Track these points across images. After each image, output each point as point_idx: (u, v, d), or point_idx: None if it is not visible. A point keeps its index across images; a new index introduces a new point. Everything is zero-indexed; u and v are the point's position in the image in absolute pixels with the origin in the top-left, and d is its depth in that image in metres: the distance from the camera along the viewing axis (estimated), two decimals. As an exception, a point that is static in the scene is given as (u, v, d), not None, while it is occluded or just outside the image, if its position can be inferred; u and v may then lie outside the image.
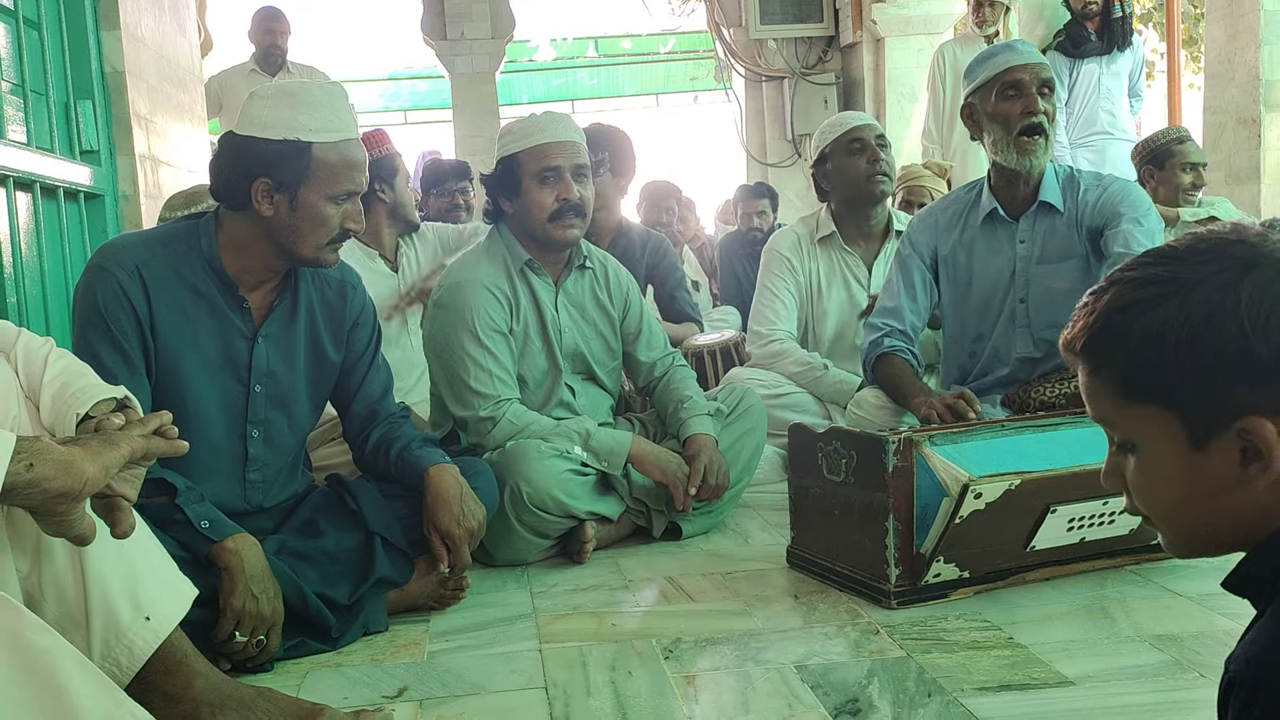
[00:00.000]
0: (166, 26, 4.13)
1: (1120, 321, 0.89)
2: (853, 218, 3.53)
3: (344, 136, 2.02)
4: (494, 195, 2.71)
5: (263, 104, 2.00)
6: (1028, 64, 2.73)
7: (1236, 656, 0.84)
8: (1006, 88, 2.73)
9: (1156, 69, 9.52)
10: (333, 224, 2.03)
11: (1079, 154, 5.51)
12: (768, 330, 3.53)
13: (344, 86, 2.17)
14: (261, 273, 2.09)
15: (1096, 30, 5.67)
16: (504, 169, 2.65)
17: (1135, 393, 0.89)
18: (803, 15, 8.53)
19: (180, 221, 2.12)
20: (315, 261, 2.07)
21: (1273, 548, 0.88)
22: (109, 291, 1.97)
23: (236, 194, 2.01)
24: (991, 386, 2.90)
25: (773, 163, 8.76)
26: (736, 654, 1.93)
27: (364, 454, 2.31)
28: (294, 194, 1.99)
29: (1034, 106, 2.70)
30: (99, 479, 1.32)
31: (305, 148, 1.97)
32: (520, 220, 2.67)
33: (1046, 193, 2.79)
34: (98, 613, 1.51)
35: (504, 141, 2.68)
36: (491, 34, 8.61)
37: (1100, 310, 0.91)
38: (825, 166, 3.48)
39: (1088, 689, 1.71)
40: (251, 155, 1.98)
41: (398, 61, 15.92)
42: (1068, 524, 2.14)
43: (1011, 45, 2.81)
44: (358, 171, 2.04)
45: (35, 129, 3.19)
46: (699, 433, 2.71)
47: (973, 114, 2.83)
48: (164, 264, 2.02)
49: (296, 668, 1.97)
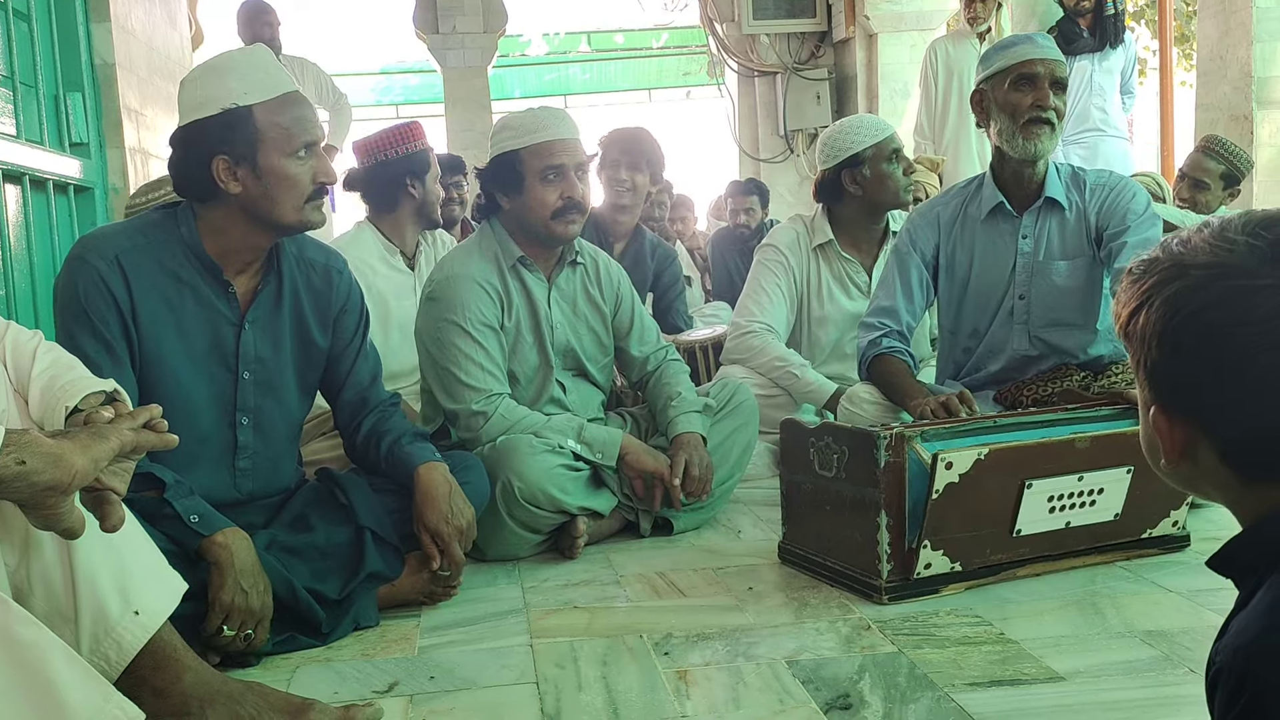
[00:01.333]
0: (157, 19, 4.11)
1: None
2: (863, 224, 3.45)
3: (281, 91, 2.00)
4: (490, 190, 2.69)
5: (193, 86, 2.00)
6: (1045, 58, 2.72)
7: (1223, 647, 0.85)
8: (1020, 79, 2.72)
9: (1149, 66, 9.54)
10: (304, 181, 2.01)
11: (1071, 151, 5.51)
12: (746, 321, 3.45)
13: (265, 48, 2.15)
14: (246, 254, 2.07)
15: (1089, 27, 5.67)
16: (504, 165, 2.63)
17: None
18: (795, 11, 8.52)
19: (158, 210, 2.10)
20: (301, 224, 2.05)
21: (1259, 533, 0.90)
22: (89, 282, 1.95)
23: (200, 183, 1.99)
24: (985, 382, 2.90)
25: (765, 158, 8.76)
26: (728, 649, 1.93)
27: (355, 444, 2.31)
28: (254, 162, 1.97)
29: (1045, 101, 2.69)
30: (88, 472, 1.31)
31: (247, 112, 1.96)
32: (520, 216, 2.65)
33: (1051, 189, 2.79)
34: (86, 607, 1.50)
35: (502, 137, 2.65)
36: (483, 28, 8.59)
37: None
38: (860, 170, 3.33)
39: (1078, 684, 1.71)
40: (200, 138, 1.97)
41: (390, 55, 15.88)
42: (1048, 503, 2.15)
43: (1032, 38, 2.79)
44: (309, 122, 2.02)
45: (25, 121, 3.18)
46: (685, 430, 2.71)
47: (982, 101, 2.80)
48: (144, 253, 2.00)
49: (286, 662, 1.97)
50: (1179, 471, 0.94)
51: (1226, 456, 0.89)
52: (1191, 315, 0.88)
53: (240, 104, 1.95)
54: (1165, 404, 0.92)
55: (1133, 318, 0.93)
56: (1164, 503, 2.30)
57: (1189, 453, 0.92)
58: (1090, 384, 2.73)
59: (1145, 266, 0.94)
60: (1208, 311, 0.87)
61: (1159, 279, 0.91)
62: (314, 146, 2.03)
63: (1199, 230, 0.92)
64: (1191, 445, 0.91)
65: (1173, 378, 0.90)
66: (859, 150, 3.33)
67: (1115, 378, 2.74)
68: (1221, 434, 0.89)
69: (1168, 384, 0.91)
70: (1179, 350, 0.89)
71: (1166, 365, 0.90)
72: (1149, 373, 0.92)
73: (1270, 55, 4.98)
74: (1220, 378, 0.87)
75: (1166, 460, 0.94)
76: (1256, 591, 0.87)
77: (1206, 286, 0.87)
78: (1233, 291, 0.86)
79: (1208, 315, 0.87)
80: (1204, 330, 0.87)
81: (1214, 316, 0.86)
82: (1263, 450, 0.88)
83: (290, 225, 2.04)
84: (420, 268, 3.35)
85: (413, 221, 3.32)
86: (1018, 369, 2.86)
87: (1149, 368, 0.92)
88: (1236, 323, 0.85)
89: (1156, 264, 0.92)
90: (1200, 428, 0.90)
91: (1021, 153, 2.73)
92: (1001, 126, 2.75)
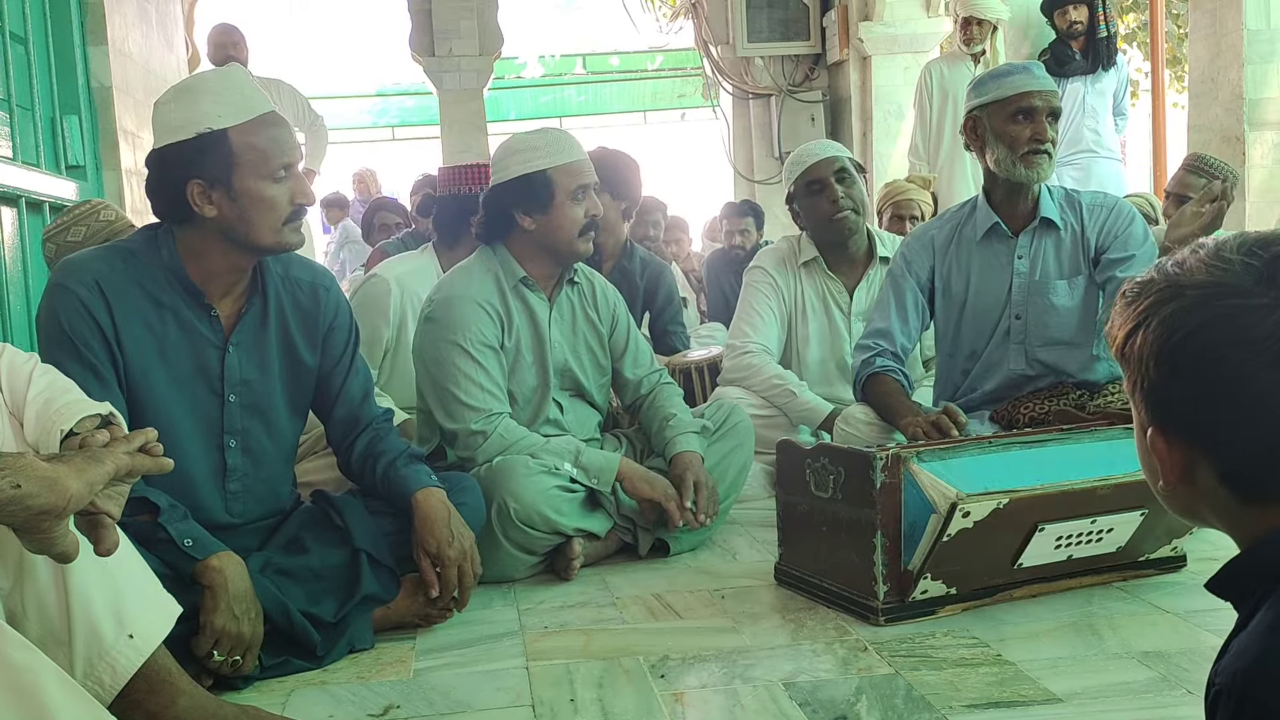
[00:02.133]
0: (154, 42, 4.13)
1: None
2: (831, 248, 3.51)
3: (256, 113, 1.97)
4: (509, 209, 2.65)
5: (167, 109, 1.97)
6: (1043, 90, 2.75)
7: (1223, 669, 0.85)
8: (1019, 111, 2.74)
9: (1141, 88, 9.58)
10: (281, 203, 1.99)
11: (1064, 172, 5.54)
12: (742, 343, 3.47)
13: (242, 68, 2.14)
14: (227, 276, 2.06)
15: (1081, 50, 5.72)
16: (533, 184, 2.60)
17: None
18: (790, 33, 8.57)
19: (139, 234, 2.09)
20: (278, 246, 2.03)
21: (1257, 554, 0.90)
22: (71, 309, 1.94)
23: (176, 206, 1.98)
24: (981, 402, 2.90)
25: (760, 180, 8.79)
26: (724, 671, 1.92)
27: (350, 462, 2.30)
28: (229, 185, 1.95)
29: (1044, 134, 2.73)
30: (83, 496, 1.31)
31: (222, 135, 1.93)
32: (545, 235, 2.64)
33: (1045, 209, 2.81)
34: (80, 630, 1.49)
35: (528, 157, 2.62)
36: (479, 50, 8.62)
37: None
38: (794, 205, 3.48)
39: (1076, 706, 1.71)
40: (174, 162, 1.95)
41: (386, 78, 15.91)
42: (1055, 542, 2.14)
43: (1028, 68, 2.82)
44: (286, 143, 2.00)
45: (21, 144, 3.19)
46: (685, 450, 2.71)
47: (976, 127, 2.82)
48: (125, 277, 1.99)
49: (281, 686, 1.96)
50: (1177, 494, 0.94)
51: (1225, 477, 0.89)
52: (1188, 335, 0.88)
53: (215, 127, 1.93)
54: (1163, 425, 0.92)
55: (1129, 339, 0.93)
56: (1167, 536, 2.29)
57: (1187, 475, 0.92)
58: (1086, 403, 2.74)
59: (1140, 288, 0.94)
60: (1204, 331, 0.87)
61: (1155, 300, 0.91)
62: (292, 168, 2.01)
63: (1194, 251, 0.92)
64: (1190, 467, 0.91)
65: (1170, 398, 0.90)
66: (789, 186, 3.48)
67: (1111, 397, 2.75)
68: (1220, 454, 0.89)
69: (1165, 405, 0.91)
70: (1176, 370, 0.89)
71: (1164, 386, 0.90)
72: (1146, 394, 0.92)
73: (1261, 77, 5.01)
74: (1217, 397, 0.87)
75: (1165, 482, 0.94)
76: (1256, 613, 0.87)
77: (1203, 306, 0.87)
78: (1229, 311, 0.86)
79: (1204, 334, 0.87)
80: (1200, 350, 0.87)
81: (1211, 336, 0.86)
82: (1261, 470, 0.88)
83: (267, 247, 2.03)
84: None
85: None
86: (1015, 388, 2.87)
87: (1146, 389, 0.92)
88: (1233, 342, 0.85)
89: (1152, 285, 0.92)
90: (1198, 449, 0.90)
91: (1022, 179, 2.76)
92: (1000, 156, 2.78)
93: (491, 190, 2.69)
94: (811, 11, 8.52)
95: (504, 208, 2.66)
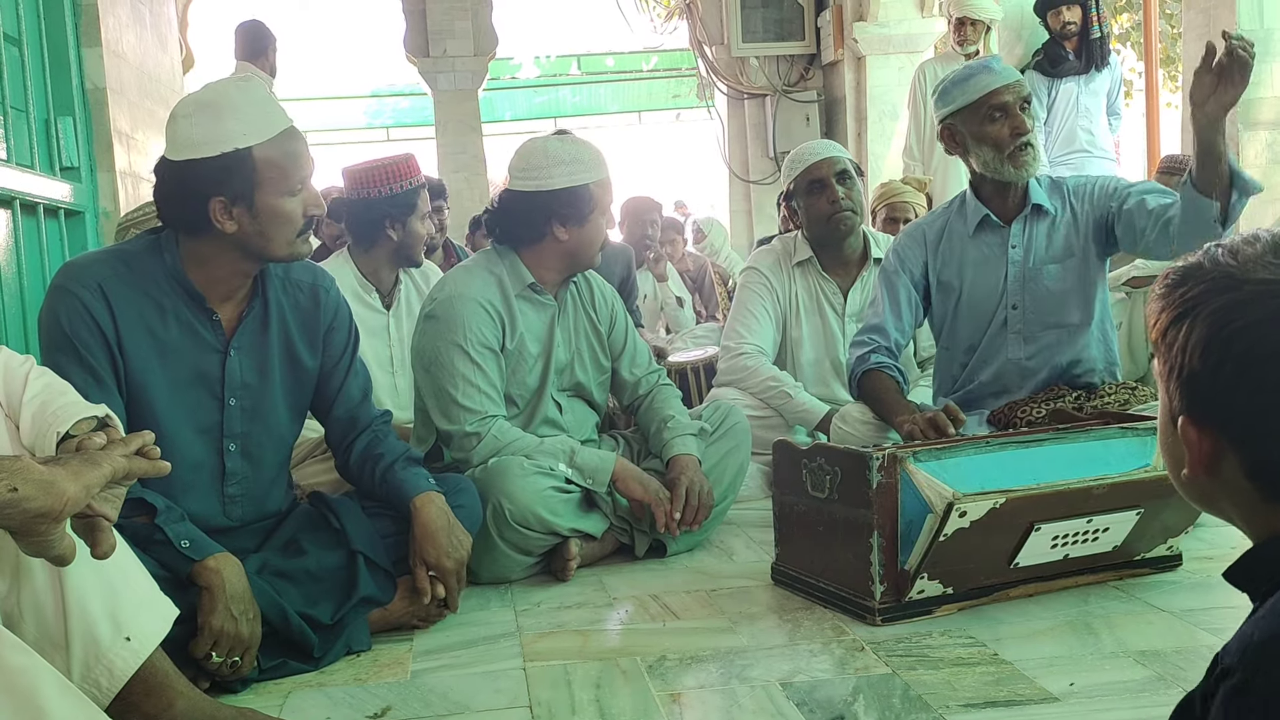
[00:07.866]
0: (148, 43, 4.12)
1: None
2: (827, 248, 3.52)
3: (279, 130, 1.97)
4: (546, 218, 2.61)
5: (188, 123, 1.94)
6: (1009, 84, 2.75)
7: (1231, 648, 0.84)
8: (992, 110, 2.74)
9: (1135, 88, 9.61)
10: (296, 216, 1.99)
11: (1058, 172, 5.55)
12: (736, 344, 3.48)
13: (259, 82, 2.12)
14: (231, 281, 2.06)
15: (1075, 50, 5.73)
16: (578, 198, 2.60)
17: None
18: (784, 34, 8.58)
19: (141, 238, 2.09)
20: (291, 256, 2.05)
21: (1276, 547, 0.89)
22: (73, 311, 1.93)
23: (193, 219, 1.97)
24: (979, 395, 2.91)
25: (755, 180, 8.80)
26: (721, 671, 1.92)
27: (348, 463, 2.30)
28: (251, 203, 1.95)
29: (1022, 127, 2.74)
30: (80, 499, 1.31)
31: (246, 154, 1.93)
32: (575, 247, 2.65)
33: (1035, 195, 2.82)
34: (77, 633, 1.49)
35: (572, 170, 2.59)
36: (474, 51, 8.62)
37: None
38: (792, 203, 3.51)
39: (1072, 705, 1.71)
40: (196, 178, 1.93)
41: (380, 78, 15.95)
42: (1052, 541, 2.14)
43: (988, 66, 2.82)
44: (303, 157, 2.01)
45: (15, 145, 3.18)
46: (681, 453, 2.71)
47: (953, 134, 2.84)
48: (127, 281, 1.98)
49: (278, 688, 1.96)
50: (1198, 483, 0.93)
51: (1254, 473, 0.88)
52: (1242, 329, 0.86)
53: (239, 146, 1.92)
54: (1197, 415, 0.90)
55: (1173, 326, 0.91)
56: (1163, 535, 2.30)
57: (1212, 465, 0.91)
58: (1083, 404, 2.75)
59: (1184, 275, 0.92)
60: (1260, 327, 0.86)
61: (1206, 289, 0.89)
62: (307, 180, 2.02)
63: (1248, 243, 0.90)
64: (1216, 458, 0.90)
65: (1212, 391, 0.89)
66: (788, 184, 3.50)
67: (1107, 398, 2.76)
68: (1254, 451, 0.88)
69: (1205, 396, 0.89)
70: (1223, 364, 0.87)
71: (1208, 377, 0.89)
72: (1184, 383, 0.91)
73: (1255, 77, 5.02)
74: (1263, 395, 0.86)
75: (1189, 471, 0.92)
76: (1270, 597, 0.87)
77: (1261, 302, 0.86)
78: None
79: (1259, 330, 0.86)
80: (1253, 345, 0.86)
81: (1266, 332, 0.86)
82: None
83: (281, 258, 2.04)
84: (400, 306, 3.27)
85: (388, 262, 3.22)
86: (1012, 378, 2.87)
87: (1184, 378, 0.90)
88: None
89: (1201, 272, 0.91)
90: (1231, 442, 0.89)
91: (1013, 179, 2.78)
92: (986, 159, 2.79)
93: (524, 196, 2.62)
94: (806, 12, 8.53)
95: (540, 216, 2.62)
